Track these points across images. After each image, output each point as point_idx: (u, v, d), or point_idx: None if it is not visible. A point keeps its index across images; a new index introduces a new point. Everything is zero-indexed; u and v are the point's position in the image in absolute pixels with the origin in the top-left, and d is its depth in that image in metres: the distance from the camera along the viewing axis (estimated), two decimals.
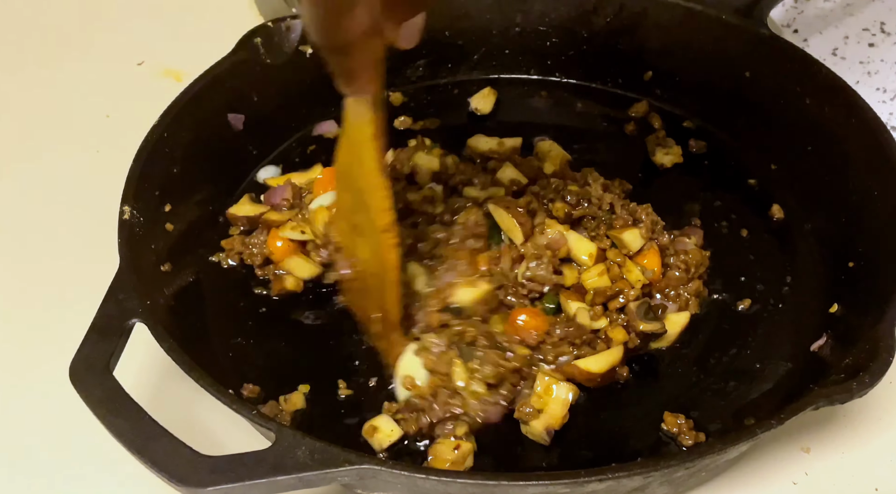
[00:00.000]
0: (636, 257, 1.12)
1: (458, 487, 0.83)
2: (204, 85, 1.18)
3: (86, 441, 1.02)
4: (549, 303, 1.08)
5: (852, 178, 1.13)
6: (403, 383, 1.02)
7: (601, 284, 1.08)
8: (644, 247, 1.12)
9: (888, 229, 1.05)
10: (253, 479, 0.80)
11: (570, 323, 1.05)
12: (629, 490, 0.89)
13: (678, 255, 1.13)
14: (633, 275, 1.10)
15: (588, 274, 1.09)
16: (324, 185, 1.20)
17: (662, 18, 1.31)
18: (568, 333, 1.04)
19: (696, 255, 1.13)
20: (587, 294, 1.09)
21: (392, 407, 1.01)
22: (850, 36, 1.57)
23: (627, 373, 1.04)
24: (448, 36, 1.37)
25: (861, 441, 1.04)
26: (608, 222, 1.14)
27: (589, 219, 1.15)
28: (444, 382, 1.01)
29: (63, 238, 1.25)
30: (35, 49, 1.56)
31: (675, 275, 1.11)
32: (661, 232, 1.15)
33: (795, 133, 1.22)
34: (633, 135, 1.33)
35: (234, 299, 1.13)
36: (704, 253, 1.15)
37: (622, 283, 1.09)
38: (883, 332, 0.92)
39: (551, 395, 1.00)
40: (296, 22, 1.26)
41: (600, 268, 1.09)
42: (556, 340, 1.04)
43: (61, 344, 0.93)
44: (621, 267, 1.10)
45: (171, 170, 1.13)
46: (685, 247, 1.14)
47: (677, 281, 1.11)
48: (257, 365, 1.06)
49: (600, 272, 1.09)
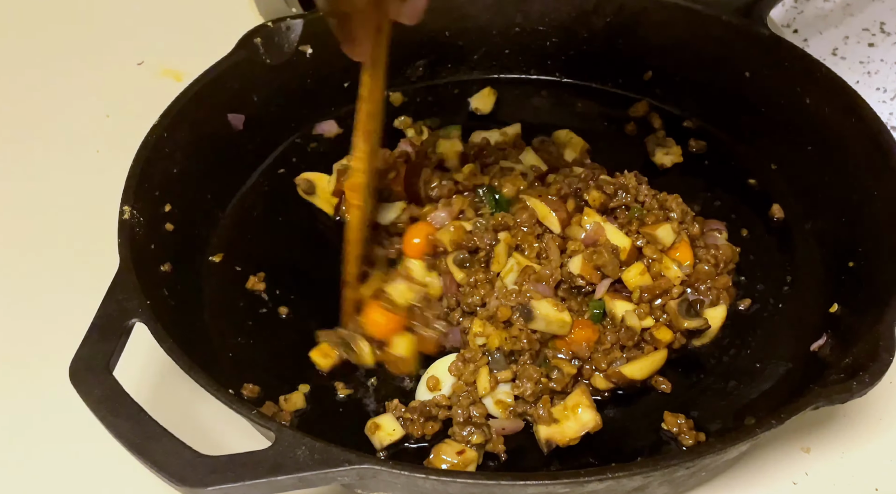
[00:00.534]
0: (668, 252, 1.11)
1: (458, 487, 0.83)
2: (204, 85, 1.18)
3: (86, 441, 1.02)
4: (595, 309, 1.06)
5: (852, 178, 1.13)
6: (427, 383, 1.02)
7: (645, 282, 1.07)
8: (675, 240, 1.11)
9: (888, 229, 1.05)
10: (253, 479, 0.80)
11: (620, 327, 1.04)
12: (629, 490, 0.89)
13: (708, 249, 1.12)
14: (671, 272, 1.08)
15: (629, 272, 1.07)
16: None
17: (662, 18, 1.31)
18: (620, 338, 1.03)
19: (726, 251, 1.12)
20: (631, 293, 1.07)
21: (399, 407, 1.01)
22: (850, 36, 1.57)
23: (668, 384, 1.03)
24: (448, 36, 1.37)
25: (861, 441, 1.04)
26: (640, 217, 1.12)
27: (623, 209, 1.14)
28: (470, 390, 1.00)
29: (63, 238, 1.25)
30: (35, 49, 1.56)
31: (705, 270, 1.10)
32: (692, 222, 1.14)
33: (795, 133, 1.22)
34: (633, 135, 1.33)
35: (234, 299, 1.13)
36: (735, 248, 1.14)
37: (663, 281, 1.07)
38: (883, 332, 0.92)
39: (575, 414, 0.98)
40: (296, 22, 1.26)
41: (640, 267, 1.07)
42: (608, 347, 1.03)
43: (61, 344, 0.93)
44: (658, 263, 1.09)
45: (171, 170, 1.13)
46: (715, 241, 1.13)
47: (706, 276, 1.09)
48: (257, 365, 1.06)
49: (641, 270, 1.07)
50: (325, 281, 1.14)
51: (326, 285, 1.13)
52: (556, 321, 1.02)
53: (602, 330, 1.04)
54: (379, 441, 0.99)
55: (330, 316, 1.11)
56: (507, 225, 1.11)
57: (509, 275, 1.08)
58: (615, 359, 1.02)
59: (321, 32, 1.27)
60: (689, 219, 1.15)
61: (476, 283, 1.08)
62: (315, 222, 1.23)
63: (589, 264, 1.06)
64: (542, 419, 0.98)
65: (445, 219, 1.14)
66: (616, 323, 1.05)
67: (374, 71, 0.99)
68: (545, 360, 1.03)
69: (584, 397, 0.99)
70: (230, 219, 1.21)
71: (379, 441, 0.99)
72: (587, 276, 1.06)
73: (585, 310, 1.06)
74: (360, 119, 1.03)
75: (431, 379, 1.02)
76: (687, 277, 1.09)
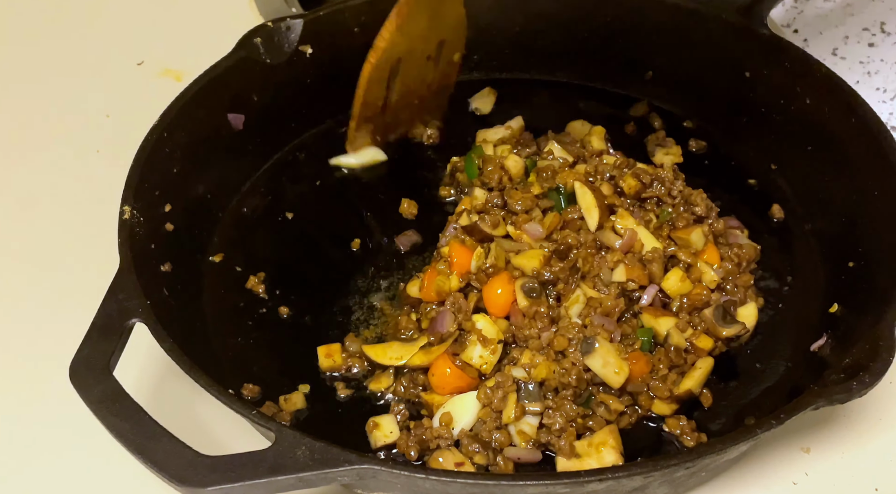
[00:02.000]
0: (698, 255, 1.10)
1: (458, 487, 0.83)
2: (204, 85, 1.18)
3: (86, 441, 1.02)
4: (644, 337, 1.03)
5: (852, 178, 1.13)
6: (441, 418, 0.98)
7: (685, 289, 1.05)
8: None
9: (888, 229, 1.05)
10: (253, 479, 0.80)
11: (669, 348, 1.02)
12: (629, 490, 0.89)
13: (731, 248, 1.11)
14: (707, 276, 1.07)
15: (668, 280, 1.05)
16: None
17: (662, 18, 1.31)
18: (672, 362, 1.01)
19: (749, 250, 1.12)
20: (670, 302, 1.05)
21: (404, 412, 1.00)
22: (850, 36, 1.57)
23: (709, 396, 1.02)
24: None
25: (861, 441, 1.04)
26: (672, 220, 1.11)
27: (653, 200, 1.13)
28: (495, 417, 0.98)
29: (63, 238, 1.25)
30: (35, 49, 1.56)
31: (728, 268, 1.09)
32: (717, 219, 1.14)
33: (795, 133, 1.22)
34: (633, 135, 1.33)
35: (234, 299, 1.13)
36: (756, 246, 1.14)
37: (701, 288, 1.06)
38: (883, 332, 0.92)
39: (599, 452, 0.95)
40: (296, 22, 1.26)
41: (679, 273, 1.06)
42: (665, 373, 1.00)
43: (61, 344, 0.93)
44: (693, 266, 1.07)
45: (171, 170, 1.13)
46: (737, 239, 1.13)
47: (728, 274, 1.09)
48: (257, 365, 1.06)
49: (681, 277, 1.05)
50: (326, 281, 1.14)
51: (326, 285, 1.14)
52: (616, 364, 0.98)
53: (652, 360, 1.01)
54: (374, 440, 0.99)
55: (330, 315, 1.11)
56: (570, 244, 1.07)
57: (574, 306, 1.04)
58: (674, 381, 1.00)
59: (321, 32, 1.27)
60: (714, 216, 1.14)
61: (536, 315, 1.02)
62: (315, 222, 1.23)
63: (633, 270, 1.05)
64: (563, 451, 0.95)
65: (541, 232, 1.09)
66: (661, 340, 1.03)
67: None
68: (590, 397, 0.99)
69: (612, 437, 0.96)
70: (230, 218, 1.21)
71: (374, 440, 0.99)
72: (636, 278, 1.04)
73: (632, 337, 1.03)
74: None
75: (445, 415, 0.98)
76: (722, 279, 1.08)
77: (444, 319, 1.04)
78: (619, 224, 1.10)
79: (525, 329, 1.02)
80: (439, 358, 1.01)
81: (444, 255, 1.10)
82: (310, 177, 1.28)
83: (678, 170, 1.17)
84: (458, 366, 1.01)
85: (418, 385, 1.02)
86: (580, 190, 1.11)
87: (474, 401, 0.99)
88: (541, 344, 1.01)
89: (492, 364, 1.01)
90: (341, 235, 1.19)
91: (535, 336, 1.02)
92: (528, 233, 1.09)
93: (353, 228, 1.21)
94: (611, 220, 1.10)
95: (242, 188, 1.25)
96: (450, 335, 1.02)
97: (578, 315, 1.04)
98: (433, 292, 1.06)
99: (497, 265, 1.07)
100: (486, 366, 1.01)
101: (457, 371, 1.00)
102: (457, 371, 1.00)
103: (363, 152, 1.29)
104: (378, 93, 1.24)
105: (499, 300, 1.04)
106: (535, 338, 1.02)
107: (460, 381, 1.00)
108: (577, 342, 1.00)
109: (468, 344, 1.02)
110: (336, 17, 1.29)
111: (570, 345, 1.00)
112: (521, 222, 1.10)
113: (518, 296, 1.04)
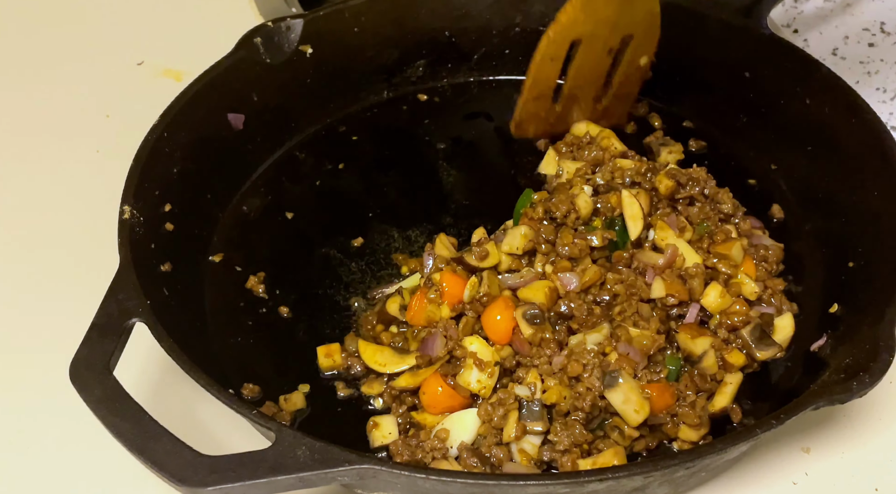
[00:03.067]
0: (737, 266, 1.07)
1: (458, 487, 0.83)
2: (204, 85, 1.18)
3: (86, 441, 1.02)
4: (671, 366, 0.99)
5: (852, 178, 1.13)
6: (438, 433, 0.97)
7: (725, 304, 1.02)
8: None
9: (888, 229, 1.05)
10: (253, 479, 0.80)
11: (694, 376, 0.99)
12: (629, 490, 0.89)
13: (757, 249, 1.10)
14: (746, 288, 1.04)
15: (708, 296, 1.02)
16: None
17: (662, 18, 1.31)
18: (699, 387, 0.98)
19: (776, 251, 1.11)
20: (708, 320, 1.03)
21: (405, 415, 1.00)
22: (850, 36, 1.57)
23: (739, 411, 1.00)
24: (448, 36, 1.37)
25: (861, 441, 1.04)
26: (711, 233, 1.08)
27: (685, 201, 1.12)
28: (496, 434, 0.96)
29: (63, 238, 1.25)
30: (35, 49, 1.56)
31: (761, 274, 1.08)
32: (744, 217, 1.13)
33: (795, 133, 1.22)
34: (633, 134, 1.33)
35: (234, 299, 1.13)
36: (780, 245, 1.13)
37: (740, 304, 1.03)
38: (883, 332, 0.92)
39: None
40: (296, 22, 1.26)
41: (718, 288, 1.03)
42: (693, 399, 0.97)
43: (61, 344, 0.93)
44: (733, 279, 1.05)
45: (171, 170, 1.13)
46: (761, 240, 1.12)
47: (759, 278, 1.08)
48: (257, 364, 1.06)
49: (721, 292, 1.02)
50: (326, 281, 1.14)
51: (327, 285, 1.14)
52: (637, 403, 0.94)
53: (679, 390, 0.98)
54: (373, 439, 0.98)
55: (330, 315, 1.11)
56: (615, 293, 1.03)
57: (593, 335, 1.00)
58: (702, 406, 0.98)
59: (321, 32, 1.27)
60: (741, 216, 1.13)
61: (542, 342, 0.99)
62: (315, 222, 1.22)
63: (673, 285, 1.02)
64: (565, 468, 0.94)
65: (575, 284, 1.01)
66: (693, 359, 1.00)
67: None
68: (602, 423, 0.96)
69: (618, 459, 0.94)
70: (230, 218, 1.21)
71: (373, 439, 0.98)
72: (676, 294, 1.01)
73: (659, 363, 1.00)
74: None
75: (442, 431, 0.97)
76: (762, 292, 1.06)
77: (435, 343, 1.00)
78: (659, 237, 1.06)
79: (534, 357, 0.99)
80: (430, 377, 0.99)
81: (434, 282, 1.04)
82: (310, 177, 1.28)
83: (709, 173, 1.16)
84: (450, 385, 0.98)
85: (405, 404, 1.00)
86: (628, 199, 1.08)
87: (474, 418, 0.97)
88: (551, 369, 0.98)
89: (490, 387, 0.98)
90: (341, 235, 1.19)
91: (546, 362, 0.98)
92: (561, 282, 1.02)
93: (354, 228, 1.20)
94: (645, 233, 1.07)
95: (242, 188, 1.25)
96: (439, 359, 1.00)
97: (597, 343, 0.99)
98: (421, 318, 1.03)
99: (490, 293, 1.03)
100: (485, 390, 0.98)
101: (449, 390, 0.98)
102: (449, 390, 0.98)
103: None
104: (550, 73, 1.21)
105: (499, 326, 1.01)
106: (544, 364, 0.98)
107: (452, 401, 0.98)
108: (592, 367, 0.96)
109: (463, 367, 0.98)
110: (336, 17, 1.29)
111: (586, 371, 0.96)
112: (560, 269, 1.03)
113: (521, 325, 1.00)
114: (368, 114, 1.36)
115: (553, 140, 1.28)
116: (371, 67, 1.35)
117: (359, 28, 1.29)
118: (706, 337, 1.01)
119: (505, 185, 1.25)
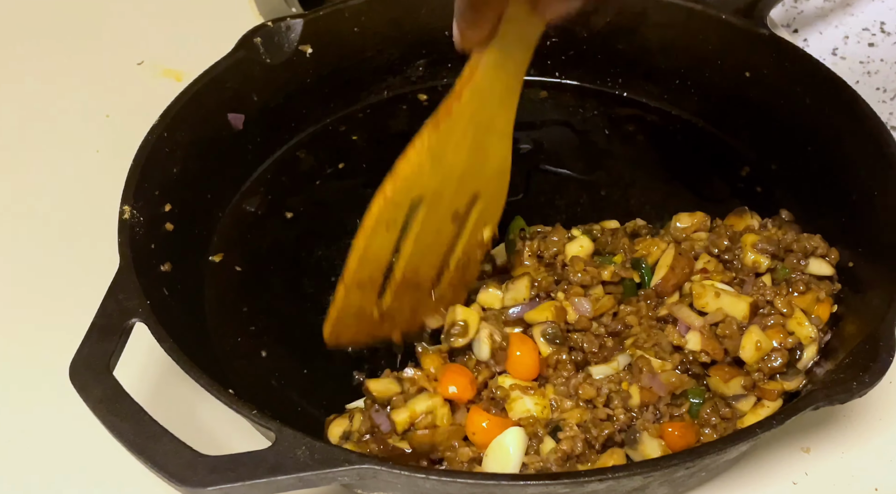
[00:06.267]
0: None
1: (458, 487, 0.83)
2: (204, 85, 1.18)
3: (86, 441, 1.02)
4: (694, 398, 0.95)
5: (852, 178, 1.13)
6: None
7: (764, 351, 0.96)
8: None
9: (888, 229, 1.05)
10: (253, 479, 0.80)
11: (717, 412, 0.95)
12: (629, 490, 0.89)
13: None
14: (803, 331, 0.98)
15: (745, 349, 0.96)
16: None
17: (662, 18, 1.31)
18: (719, 429, 0.95)
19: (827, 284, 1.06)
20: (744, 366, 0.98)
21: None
22: (850, 36, 1.57)
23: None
24: (448, 36, 1.36)
25: (861, 441, 1.04)
26: (789, 280, 1.03)
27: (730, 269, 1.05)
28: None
29: (63, 238, 1.25)
30: (35, 49, 1.56)
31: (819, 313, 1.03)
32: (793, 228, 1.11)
33: (795, 133, 1.22)
34: (632, 134, 1.33)
35: (234, 299, 1.13)
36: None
37: (782, 340, 0.97)
38: (883, 332, 0.92)
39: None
40: (296, 21, 1.26)
41: (753, 340, 0.96)
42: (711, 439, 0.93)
43: (61, 344, 0.93)
44: (787, 318, 0.98)
45: (171, 170, 1.13)
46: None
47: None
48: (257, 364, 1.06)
49: (756, 344, 0.96)
50: (326, 281, 1.14)
51: (327, 285, 1.14)
52: (656, 454, 0.92)
53: (700, 430, 0.95)
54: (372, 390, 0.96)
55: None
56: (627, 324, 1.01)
57: (602, 367, 0.99)
58: (724, 428, 0.95)
59: (321, 32, 1.27)
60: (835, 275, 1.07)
61: (557, 363, 0.98)
62: (315, 222, 1.23)
63: (709, 342, 0.97)
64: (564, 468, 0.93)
65: (588, 311, 1.00)
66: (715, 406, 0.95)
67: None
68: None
69: (617, 459, 0.93)
70: (230, 218, 1.21)
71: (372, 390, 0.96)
72: (711, 350, 0.97)
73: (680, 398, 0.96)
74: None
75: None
76: (822, 335, 1.00)
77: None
78: (697, 294, 1.00)
79: (552, 378, 0.98)
80: (472, 413, 0.95)
81: (425, 370, 0.97)
82: (310, 177, 1.28)
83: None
84: (493, 415, 0.95)
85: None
86: (669, 255, 1.04)
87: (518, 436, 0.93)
88: (568, 391, 0.97)
89: (548, 407, 0.96)
90: (341, 235, 1.19)
91: (562, 384, 0.97)
92: (575, 308, 1.00)
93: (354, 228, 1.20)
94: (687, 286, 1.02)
95: (242, 187, 1.25)
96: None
97: (605, 375, 0.98)
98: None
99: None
100: (545, 410, 0.95)
101: (494, 418, 0.95)
102: (494, 418, 0.95)
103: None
104: (385, 245, 0.92)
105: (524, 361, 0.97)
106: (561, 385, 0.97)
107: (501, 427, 0.93)
108: (606, 391, 0.95)
109: (510, 400, 0.96)
110: (336, 17, 1.29)
111: (600, 395, 0.95)
112: (573, 294, 1.02)
113: (540, 345, 0.98)
114: (368, 114, 1.36)
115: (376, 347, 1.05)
116: (371, 67, 1.35)
117: (359, 28, 1.29)
118: (739, 377, 0.97)
119: None
